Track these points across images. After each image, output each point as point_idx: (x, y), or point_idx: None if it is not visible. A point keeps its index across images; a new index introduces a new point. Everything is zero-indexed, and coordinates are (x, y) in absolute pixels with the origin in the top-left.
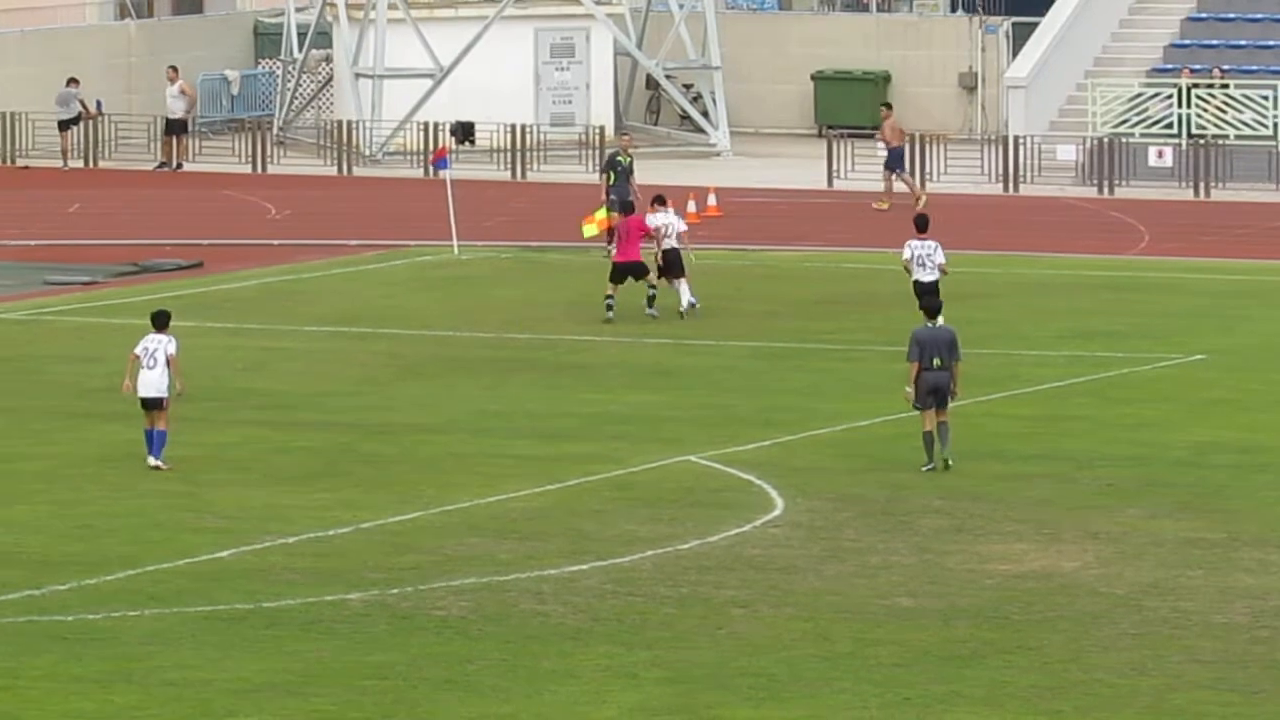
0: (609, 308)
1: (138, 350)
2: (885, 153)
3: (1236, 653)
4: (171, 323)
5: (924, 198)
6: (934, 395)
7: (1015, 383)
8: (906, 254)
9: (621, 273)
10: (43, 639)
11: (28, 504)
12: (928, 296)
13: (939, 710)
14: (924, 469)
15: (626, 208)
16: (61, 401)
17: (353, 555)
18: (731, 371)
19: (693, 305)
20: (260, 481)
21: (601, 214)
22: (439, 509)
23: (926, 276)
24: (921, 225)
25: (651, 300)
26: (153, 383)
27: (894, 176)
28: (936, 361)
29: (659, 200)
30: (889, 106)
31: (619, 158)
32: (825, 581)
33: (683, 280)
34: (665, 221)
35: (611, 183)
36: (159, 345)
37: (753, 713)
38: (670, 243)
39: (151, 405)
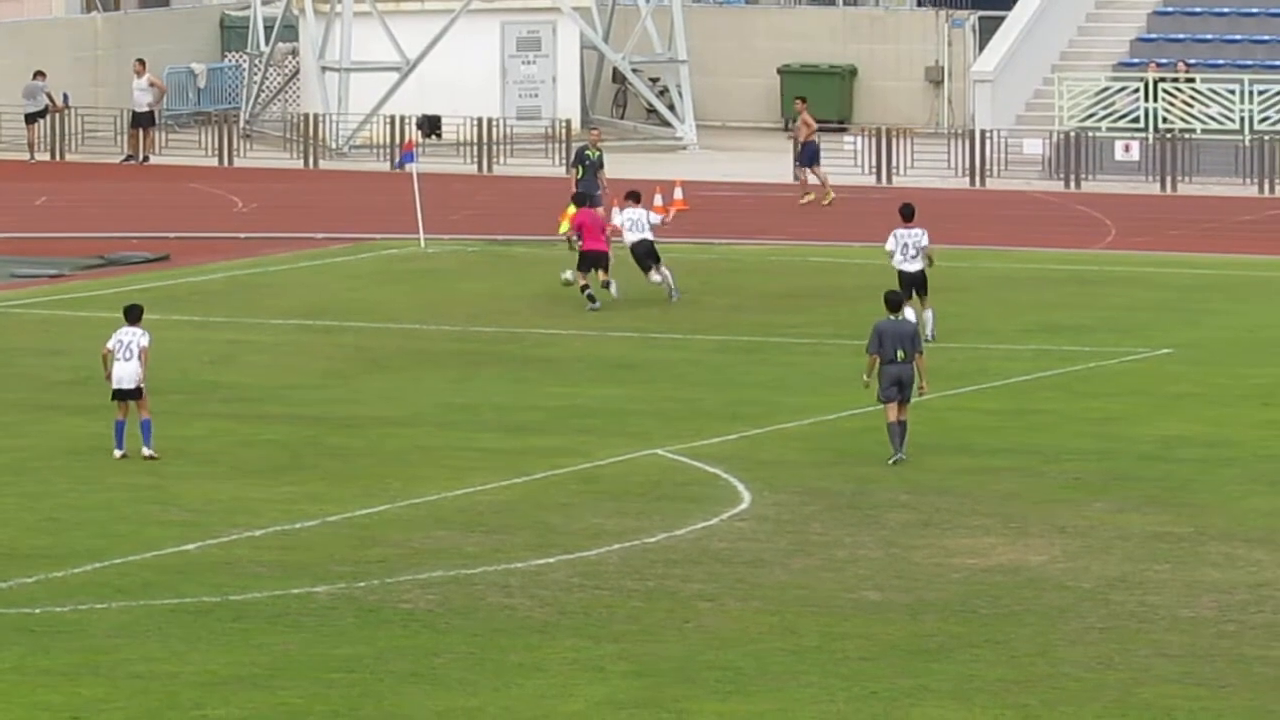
0: (590, 299)
1: (110, 344)
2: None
3: (1203, 647)
4: (142, 313)
5: (810, 197)
6: (897, 387)
7: (982, 376)
8: (891, 244)
9: (589, 262)
10: (9, 632)
11: None
12: (909, 288)
13: (906, 704)
14: (890, 461)
15: (580, 200)
16: (28, 394)
17: (319, 548)
18: (697, 365)
19: (673, 293)
20: (227, 474)
21: (572, 209)
22: (405, 502)
23: (910, 266)
24: (907, 214)
25: (608, 284)
26: (129, 374)
27: (809, 170)
28: (900, 354)
29: (632, 196)
30: (804, 100)
31: (587, 152)
32: (792, 575)
33: (661, 267)
34: (633, 217)
35: (580, 177)
36: (133, 337)
37: (720, 706)
38: (641, 235)
39: (129, 396)
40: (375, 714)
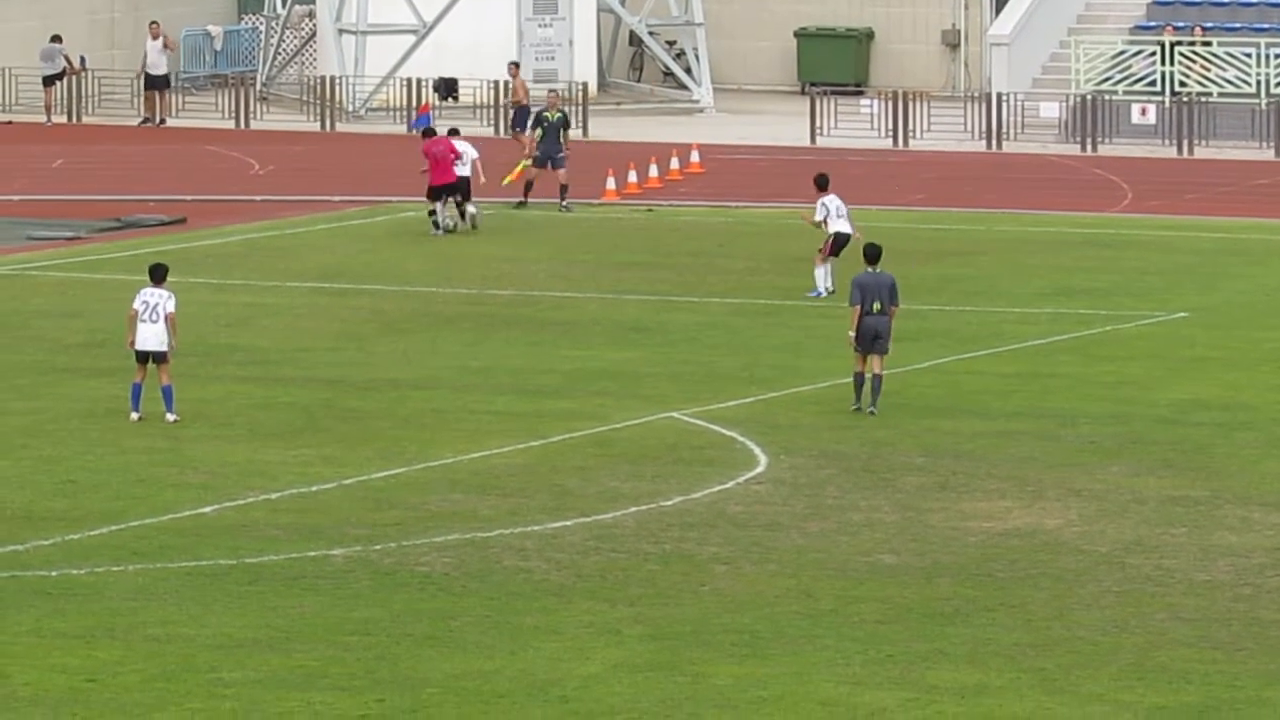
0: (435, 224)
1: (136, 305)
2: (514, 111)
3: (1219, 610)
4: (167, 273)
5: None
6: (873, 339)
7: (998, 340)
8: (820, 214)
9: (439, 192)
10: (26, 594)
11: (11, 459)
12: (840, 248)
13: (922, 668)
14: (851, 408)
15: (553, 163)
16: (45, 356)
17: (335, 511)
18: (714, 328)
19: (474, 215)
20: (243, 437)
21: (520, 166)
22: (421, 465)
23: (846, 228)
24: (823, 184)
25: (464, 214)
26: (155, 336)
27: (519, 134)
28: (876, 306)
29: (454, 131)
30: (517, 65)
31: (545, 114)
32: (808, 538)
33: (470, 204)
34: (462, 149)
35: (540, 139)
36: (160, 300)
37: (735, 669)
38: (464, 170)
39: (155, 359)
40: (391, 677)
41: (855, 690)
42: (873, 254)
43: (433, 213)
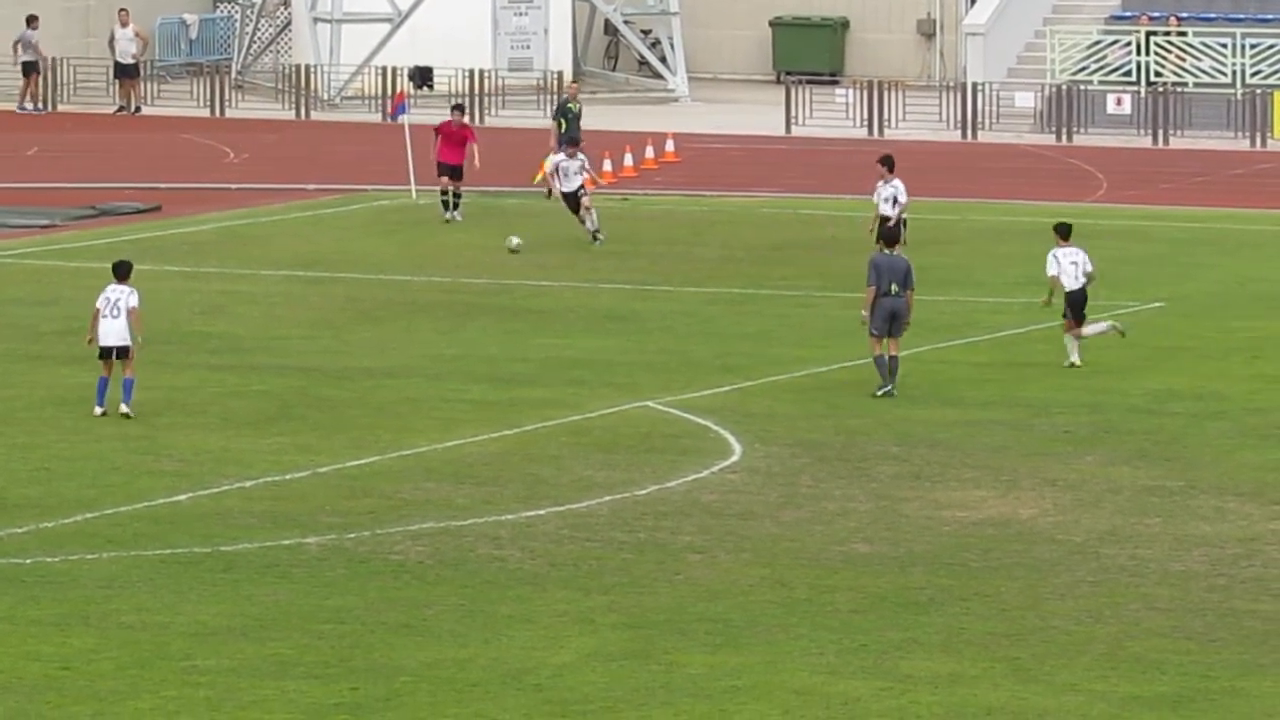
0: (445, 205)
1: (99, 303)
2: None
3: (1193, 600)
4: (131, 270)
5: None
6: (890, 321)
7: (972, 329)
8: (888, 192)
9: (443, 171)
10: (0, 582)
11: None
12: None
13: (895, 657)
14: (879, 392)
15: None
16: (18, 344)
17: (309, 499)
18: (688, 317)
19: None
20: (217, 425)
21: (548, 161)
22: (396, 453)
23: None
24: (889, 164)
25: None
26: (116, 331)
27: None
28: (894, 288)
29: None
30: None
31: (569, 105)
32: (782, 528)
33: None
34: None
35: (564, 130)
36: (121, 295)
37: (709, 658)
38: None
39: (118, 354)
40: (365, 665)
41: (829, 679)
42: (890, 237)
43: (445, 192)
